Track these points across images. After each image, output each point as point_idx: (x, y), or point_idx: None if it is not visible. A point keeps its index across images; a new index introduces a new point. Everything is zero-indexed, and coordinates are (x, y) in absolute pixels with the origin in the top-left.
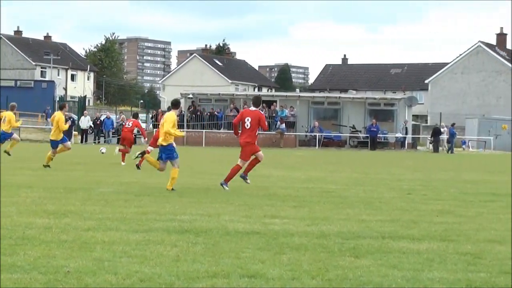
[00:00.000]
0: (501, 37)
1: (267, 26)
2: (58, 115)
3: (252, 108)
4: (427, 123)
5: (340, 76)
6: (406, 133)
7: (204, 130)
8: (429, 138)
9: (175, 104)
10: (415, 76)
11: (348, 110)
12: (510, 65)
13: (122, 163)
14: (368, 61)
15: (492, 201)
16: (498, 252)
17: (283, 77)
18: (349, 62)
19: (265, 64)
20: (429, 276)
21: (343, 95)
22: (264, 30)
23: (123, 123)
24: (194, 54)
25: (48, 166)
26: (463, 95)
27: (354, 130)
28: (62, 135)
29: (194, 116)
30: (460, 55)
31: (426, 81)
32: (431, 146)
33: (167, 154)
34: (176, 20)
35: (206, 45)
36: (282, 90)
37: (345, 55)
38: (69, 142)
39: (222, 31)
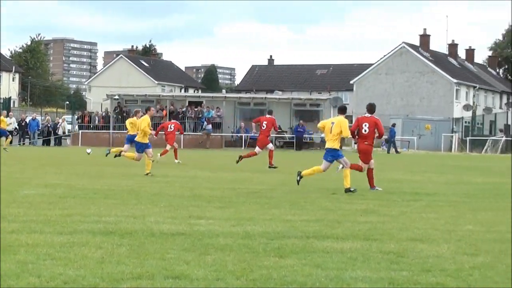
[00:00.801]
0: (424, 38)
1: (193, 27)
2: (145, 119)
3: (367, 115)
4: (352, 123)
5: (266, 76)
6: None
7: None
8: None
9: (342, 109)
10: (340, 77)
11: (274, 110)
12: (433, 65)
13: (176, 161)
14: (294, 62)
15: (416, 200)
16: (421, 251)
17: (209, 78)
18: (275, 62)
19: (191, 65)
20: (352, 275)
21: (269, 95)
22: (190, 31)
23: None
24: (121, 55)
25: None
26: (388, 95)
27: (280, 130)
28: (147, 139)
29: (120, 117)
30: (385, 56)
31: (351, 82)
32: (356, 146)
33: (333, 155)
34: (103, 21)
35: (132, 46)
36: (208, 91)
37: (271, 56)
38: (151, 150)
39: (148, 32)
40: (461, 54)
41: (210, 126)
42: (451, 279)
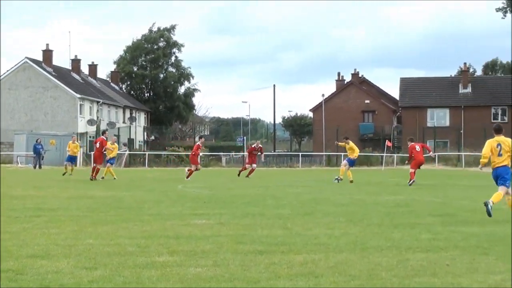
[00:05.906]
0: (47, 53)
1: None
2: None
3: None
4: None
5: None
6: None
7: None
8: None
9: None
10: None
11: None
12: (56, 80)
13: None
14: None
15: (38, 216)
16: (40, 267)
17: None
18: None
19: None
20: None
21: None
22: None
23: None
24: None
25: None
26: (11, 111)
27: None
28: None
29: None
30: (8, 71)
31: None
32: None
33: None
34: None
35: None
36: None
37: None
38: None
39: None
40: (85, 69)
41: None
42: None
